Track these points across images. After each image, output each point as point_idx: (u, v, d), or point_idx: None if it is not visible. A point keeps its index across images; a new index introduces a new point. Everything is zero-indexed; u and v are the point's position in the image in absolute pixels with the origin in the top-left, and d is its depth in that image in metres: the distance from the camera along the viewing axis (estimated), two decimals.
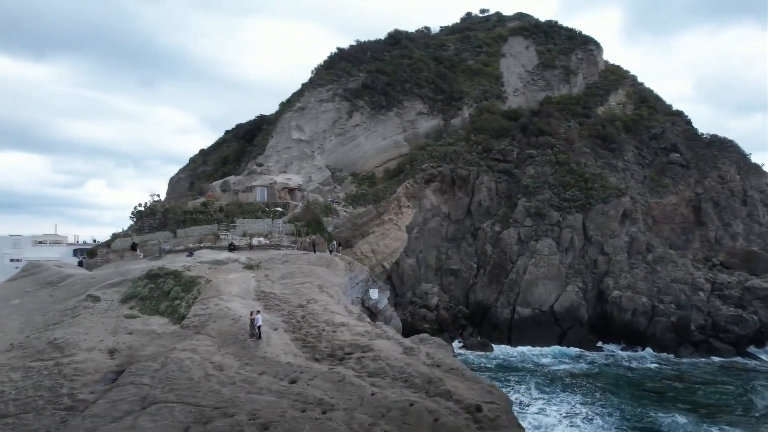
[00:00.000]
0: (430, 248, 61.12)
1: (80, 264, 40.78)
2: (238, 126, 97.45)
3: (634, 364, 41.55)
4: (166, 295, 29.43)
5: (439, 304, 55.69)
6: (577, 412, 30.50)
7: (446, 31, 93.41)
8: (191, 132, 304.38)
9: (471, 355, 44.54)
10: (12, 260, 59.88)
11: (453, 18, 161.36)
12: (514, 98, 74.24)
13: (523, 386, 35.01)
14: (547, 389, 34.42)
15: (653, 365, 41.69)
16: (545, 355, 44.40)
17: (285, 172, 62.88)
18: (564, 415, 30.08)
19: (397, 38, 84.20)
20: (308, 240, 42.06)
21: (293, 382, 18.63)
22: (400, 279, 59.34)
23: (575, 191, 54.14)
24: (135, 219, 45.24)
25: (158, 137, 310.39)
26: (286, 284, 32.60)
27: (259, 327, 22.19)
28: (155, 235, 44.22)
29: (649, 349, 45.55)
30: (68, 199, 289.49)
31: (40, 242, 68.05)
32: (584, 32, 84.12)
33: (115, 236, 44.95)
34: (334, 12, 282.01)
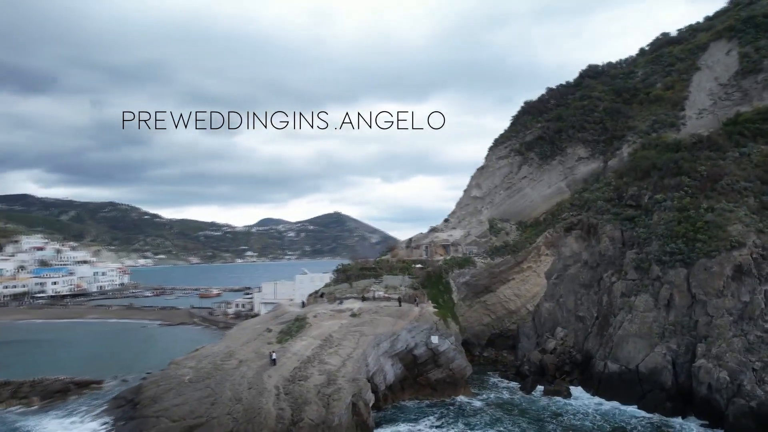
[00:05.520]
0: (569, 293, 65.03)
1: (302, 304, 71.10)
2: None
3: None
4: (290, 332, 54.30)
5: (557, 348, 60.53)
6: None
7: (647, 51, 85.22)
8: None
9: (531, 398, 51.11)
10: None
11: None
12: (697, 121, 65.30)
13: (517, 429, 42.70)
14: None
15: None
16: (601, 413, 46.30)
17: (455, 228, 78.93)
18: None
19: (586, 76, 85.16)
20: (404, 295, 59.33)
21: (249, 388, 40.10)
22: (540, 322, 66.25)
23: (680, 243, 49.20)
24: (334, 274, 73.03)
25: None
26: (348, 331, 52.33)
27: (274, 359, 44.25)
28: (340, 286, 70.65)
29: None
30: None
31: None
32: None
33: (327, 285, 73.94)
34: None
